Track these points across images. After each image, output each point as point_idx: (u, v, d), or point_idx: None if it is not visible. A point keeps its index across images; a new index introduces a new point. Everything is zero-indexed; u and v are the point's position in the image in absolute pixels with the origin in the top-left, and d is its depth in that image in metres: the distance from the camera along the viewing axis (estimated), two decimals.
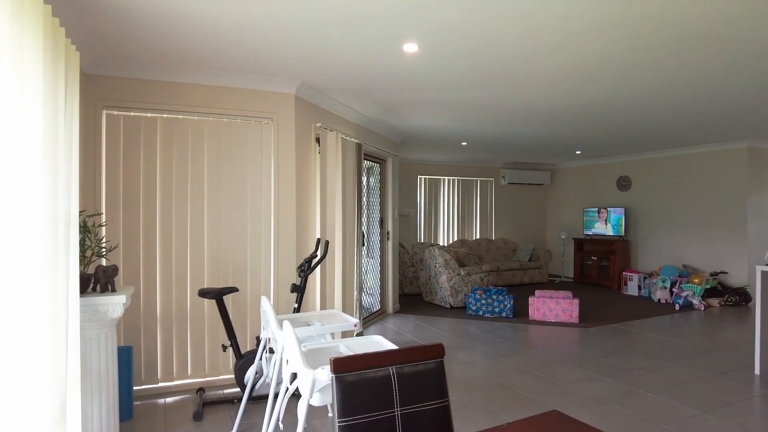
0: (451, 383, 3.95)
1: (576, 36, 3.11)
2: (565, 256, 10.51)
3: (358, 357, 1.39)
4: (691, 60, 3.56)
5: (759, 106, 4.98)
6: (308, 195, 4.48)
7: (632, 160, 9.15)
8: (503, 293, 6.54)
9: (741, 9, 2.69)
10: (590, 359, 4.62)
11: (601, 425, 3.18)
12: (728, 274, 7.66)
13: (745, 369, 4.36)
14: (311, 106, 4.52)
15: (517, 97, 4.68)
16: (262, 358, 3.08)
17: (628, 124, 6.00)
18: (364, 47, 3.33)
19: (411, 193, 9.63)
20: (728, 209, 7.65)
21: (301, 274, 3.62)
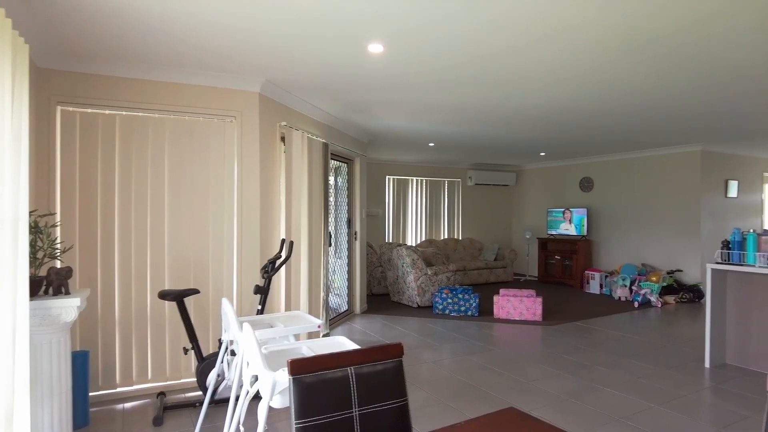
0: (416, 382, 3.98)
1: (540, 40, 3.17)
2: (530, 255, 10.72)
3: (316, 358, 1.38)
4: (649, 67, 3.69)
5: (711, 112, 5.20)
6: (273, 195, 4.43)
7: (594, 162, 9.41)
8: (469, 292, 6.62)
9: (696, 20, 2.80)
10: (552, 356, 4.72)
11: (561, 421, 3.26)
12: (683, 272, 7.97)
13: (697, 363, 4.54)
14: (276, 105, 4.47)
15: (483, 99, 4.74)
16: (223, 360, 3.02)
17: (590, 126, 6.17)
18: (329, 47, 3.31)
19: (379, 193, 9.64)
20: (683, 210, 7.96)
21: (264, 275, 3.58)
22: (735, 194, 8.35)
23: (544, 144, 7.75)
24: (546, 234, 10.08)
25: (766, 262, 4.14)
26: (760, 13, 2.73)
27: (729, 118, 5.61)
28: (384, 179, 9.70)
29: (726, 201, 8.22)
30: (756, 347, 4.41)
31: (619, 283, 7.93)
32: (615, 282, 8.05)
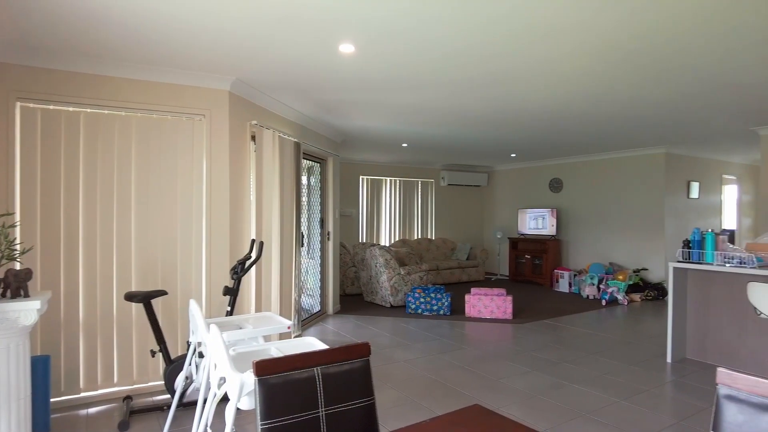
0: (388, 382, 3.99)
1: (509, 43, 3.22)
2: (501, 254, 10.87)
3: (282, 359, 1.37)
4: (615, 73, 3.79)
5: (673, 116, 5.37)
6: (243, 194, 4.38)
7: (564, 163, 9.60)
8: (441, 291, 6.68)
9: (660, 31, 2.89)
10: (522, 354, 4.80)
11: (529, 417, 3.32)
12: (648, 270, 8.21)
13: (659, 358, 4.69)
14: (247, 103, 4.42)
15: (454, 100, 4.79)
16: (191, 362, 2.98)
17: (559, 129, 6.30)
18: (300, 46, 3.30)
19: (353, 193, 9.63)
20: (648, 210, 8.21)
21: (234, 276, 3.53)
22: (696, 195, 8.65)
23: (515, 145, 7.87)
24: (517, 234, 10.24)
25: (723, 261, 4.30)
26: (722, 25, 2.84)
27: (691, 123, 5.80)
28: (358, 179, 9.70)
29: (688, 202, 8.50)
30: (713, 342, 4.58)
31: (587, 282, 8.12)
32: (583, 281, 8.24)
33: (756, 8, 2.67)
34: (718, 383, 1.29)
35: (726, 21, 2.84)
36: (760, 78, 3.97)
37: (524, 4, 2.62)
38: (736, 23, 2.87)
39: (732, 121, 5.72)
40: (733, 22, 2.86)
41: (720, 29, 2.96)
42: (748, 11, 2.71)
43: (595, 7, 2.66)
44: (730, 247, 4.41)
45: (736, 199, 9.88)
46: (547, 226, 9.46)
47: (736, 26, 2.92)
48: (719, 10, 2.69)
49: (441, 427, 1.33)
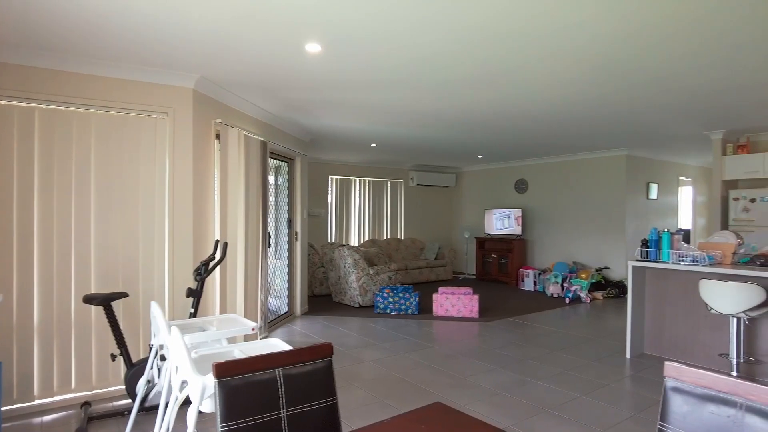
0: (355, 382, 3.99)
1: (474, 44, 3.27)
2: (468, 254, 11.02)
3: (242, 361, 1.36)
4: (575, 75, 3.89)
5: (633, 119, 5.56)
6: (207, 194, 4.30)
7: (529, 165, 9.81)
8: (409, 291, 6.72)
9: (616, 34, 2.99)
10: (487, 352, 4.88)
11: (493, 414, 3.38)
12: (610, 269, 8.47)
13: (619, 354, 4.85)
14: (211, 102, 4.35)
15: (422, 101, 4.83)
16: (153, 366, 2.91)
17: (524, 130, 6.42)
18: (266, 44, 3.27)
19: (322, 193, 9.59)
20: (610, 210, 8.46)
21: (197, 277, 3.47)
22: (655, 196, 8.96)
23: (482, 147, 7.99)
24: (484, 233, 10.39)
25: (678, 259, 4.48)
26: (676, 34, 2.96)
27: (649, 126, 6.02)
28: (327, 179, 9.66)
29: (647, 202, 8.81)
30: (668, 337, 4.76)
31: (551, 281, 8.31)
32: (548, 279, 8.43)
33: (707, 18, 2.79)
34: (665, 376, 1.34)
35: (680, 31, 2.96)
36: (712, 85, 4.15)
37: (491, 9, 2.67)
38: (689, 33, 2.99)
39: (687, 125, 5.95)
40: (687, 32, 2.98)
41: (674, 38, 3.08)
42: (701, 21, 2.83)
43: (555, 13, 2.73)
44: (684, 246, 4.60)
45: (691, 200, 10.29)
46: (513, 226, 9.64)
47: (690, 35, 3.04)
48: (675, 19, 2.80)
49: (402, 426, 1.35)
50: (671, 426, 1.30)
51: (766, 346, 4.14)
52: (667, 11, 2.71)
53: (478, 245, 10.18)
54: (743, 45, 3.22)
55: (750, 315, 3.85)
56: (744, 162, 6.27)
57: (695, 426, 1.26)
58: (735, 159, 6.34)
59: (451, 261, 10.15)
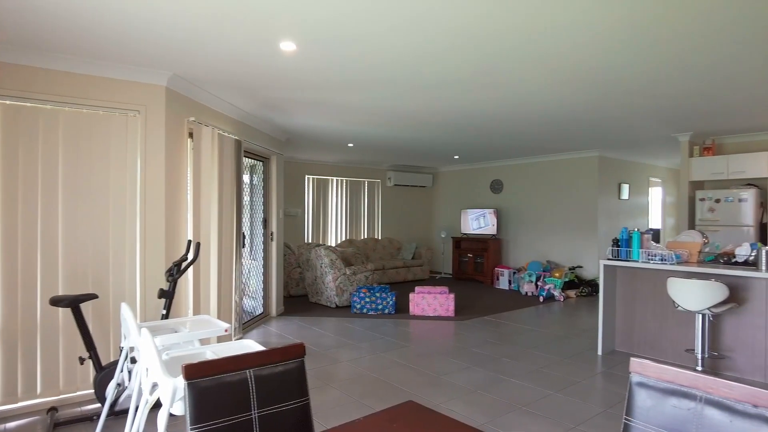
0: (331, 382, 3.98)
1: (449, 46, 3.30)
2: (445, 253, 11.09)
3: (213, 362, 1.35)
4: (546, 79, 3.96)
5: (604, 122, 5.68)
6: (180, 194, 4.24)
7: (504, 165, 9.93)
8: (386, 290, 6.73)
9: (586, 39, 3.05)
10: (462, 350, 4.93)
11: (468, 412, 3.41)
12: (583, 268, 8.63)
13: (591, 351, 4.95)
14: (185, 100, 4.28)
15: (398, 102, 4.84)
16: (123, 369, 2.85)
17: (499, 132, 6.50)
18: (240, 42, 3.23)
19: (298, 192, 9.52)
20: (583, 210, 8.63)
21: (169, 278, 3.41)
22: (627, 196, 9.17)
23: (458, 147, 8.06)
24: (460, 233, 10.48)
25: (647, 258, 4.59)
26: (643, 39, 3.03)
27: (620, 129, 6.15)
28: (303, 178, 9.60)
29: (619, 202, 9.01)
30: (638, 334, 4.88)
31: (526, 279, 8.43)
32: (522, 278, 8.55)
33: (676, 28, 2.87)
34: (631, 372, 1.38)
35: (650, 39, 3.04)
36: (679, 89, 4.27)
37: (467, 13, 2.70)
38: (659, 42, 3.07)
39: (656, 127, 6.11)
40: (656, 41, 3.06)
41: (644, 45, 3.16)
42: (670, 31, 2.91)
43: (531, 18, 2.77)
44: (654, 245, 4.72)
45: (661, 200, 10.56)
46: (489, 225, 9.74)
47: (659, 44, 3.12)
48: (645, 29, 2.87)
49: (374, 425, 1.35)
50: (636, 420, 1.34)
51: (728, 342, 4.28)
52: (639, 21, 2.78)
53: (455, 245, 10.26)
54: (707, 54, 3.32)
55: (714, 311, 3.97)
56: (709, 164, 6.47)
57: (658, 419, 1.29)
58: (701, 161, 6.54)
59: (428, 260, 10.21)
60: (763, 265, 4.01)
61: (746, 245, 4.30)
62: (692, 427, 1.23)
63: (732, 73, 3.83)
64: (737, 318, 4.24)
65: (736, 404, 1.16)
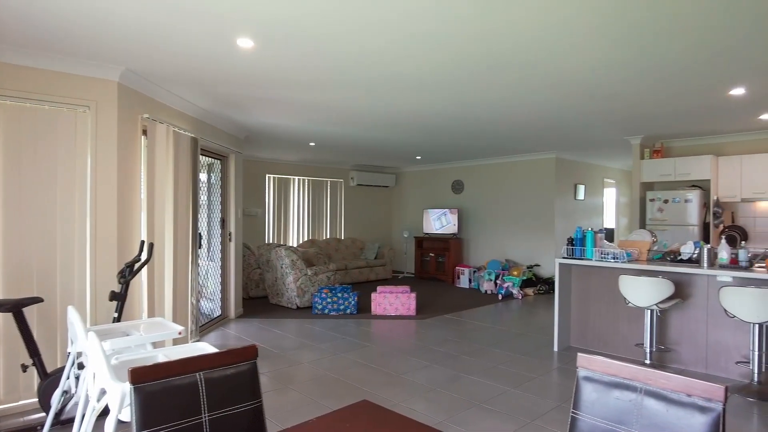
0: (291, 384, 3.94)
1: (404, 47, 3.32)
2: (408, 253, 11.17)
3: (161, 365, 1.31)
4: (501, 81, 4.04)
5: (561, 124, 5.84)
6: (133, 193, 4.10)
7: (465, 166, 10.07)
8: (348, 291, 6.72)
9: (536, 40, 3.13)
10: (423, 349, 4.97)
11: (427, 409, 3.44)
12: (541, 266, 8.86)
13: (547, 347, 5.08)
14: (138, 96, 4.15)
15: (359, 101, 4.84)
16: (70, 375, 2.74)
17: (458, 133, 6.59)
18: (196, 37, 3.15)
19: (259, 192, 9.38)
20: (540, 210, 8.86)
21: (121, 280, 3.30)
22: (582, 197, 9.47)
23: (420, 148, 8.12)
24: (422, 233, 10.57)
25: (601, 257, 4.75)
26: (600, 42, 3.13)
27: (575, 131, 6.35)
28: (264, 177, 9.46)
29: (575, 203, 9.29)
30: (592, 330, 5.05)
31: (485, 278, 8.58)
32: (482, 276, 8.70)
33: (627, 33, 2.98)
34: (578, 367, 1.42)
35: (602, 43, 3.14)
36: (631, 93, 4.44)
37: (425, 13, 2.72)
38: (611, 46, 3.19)
39: (610, 130, 6.34)
40: (603, 42, 3.17)
41: (597, 49, 3.27)
42: (622, 35, 3.02)
43: (485, 18, 2.82)
44: (607, 244, 4.89)
45: (614, 201, 10.95)
46: (450, 225, 9.87)
47: (612, 48, 3.24)
48: (597, 32, 2.97)
49: (327, 425, 1.34)
50: (582, 413, 1.38)
51: (674, 335, 4.49)
52: (590, 25, 2.87)
53: (417, 244, 10.34)
54: (656, 59, 3.47)
55: (661, 307, 4.15)
56: (658, 166, 6.76)
57: (602, 411, 1.34)
58: (651, 163, 6.82)
59: (391, 260, 10.25)
60: (705, 263, 4.22)
61: (690, 243, 4.51)
62: (633, 418, 1.28)
63: (677, 80, 4.01)
64: (682, 313, 4.44)
65: (672, 394, 1.22)
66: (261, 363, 4.48)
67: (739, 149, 6.45)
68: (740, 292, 3.71)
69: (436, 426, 3.15)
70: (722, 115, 5.32)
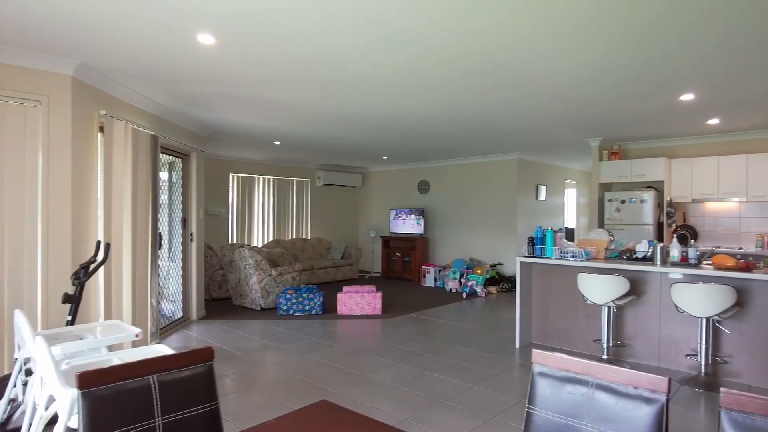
0: (253, 386, 3.89)
1: (370, 48, 3.32)
2: (374, 253, 11.18)
3: (111, 369, 1.27)
4: (463, 83, 4.09)
5: (522, 126, 5.97)
6: (89, 192, 3.96)
7: (431, 167, 10.16)
8: (313, 291, 6.68)
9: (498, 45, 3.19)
10: (388, 347, 4.99)
11: (391, 408, 3.46)
12: (504, 265, 9.02)
13: (509, 344, 5.18)
14: (94, 91, 4.01)
15: (325, 101, 4.81)
16: (16, 383, 2.62)
17: (424, 133, 6.64)
18: (154, 32, 3.07)
19: (222, 191, 9.20)
20: (503, 210, 9.02)
21: (76, 281, 3.18)
22: (544, 197, 9.70)
23: (386, 148, 8.14)
24: (389, 233, 10.60)
25: (560, 255, 4.88)
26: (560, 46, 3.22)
27: (537, 133, 6.49)
28: (227, 177, 9.29)
29: (537, 203, 9.51)
30: (553, 327, 5.18)
31: (450, 277, 8.69)
32: (447, 275, 8.79)
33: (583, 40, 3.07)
34: (533, 362, 1.46)
35: (562, 47, 3.23)
36: (590, 97, 4.57)
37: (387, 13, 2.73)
38: (565, 49, 3.28)
39: (570, 132, 6.51)
40: (562, 48, 3.26)
41: (557, 53, 3.36)
42: (575, 39, 3.11)
43: (448, 21, 2.85)
44: (566, 243, 5.02)
45: (575, 201, 11.27)
46: (416, 225, 9.93)
47: (564, 51, 3.33)
48: (557, 38, 3.05)
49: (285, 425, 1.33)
50: (537, 408, 1.42)
51: (630, 331, 4.65)
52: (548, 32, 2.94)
53: (384, 244, 10.37)
54: (611, 65, 3.59)
55: (618, 303, 4.30)
56: (616, 167, 6.99)
57: (556, 406, 1.38)
58: (609, 164, 7.05)
59: (358, 260, 10.24)
60: (658, 261, 4.39)
61: (645, 242, 4.68)
62: (584, 411, 1.32)
63: (631, 85, 4.16)
64: (637, 309, 4.61)
65: (621, 387, 1.27)
66: (224, 365, 4.40)
67: (690, 152, 6.74)
68: (689, 289, 3.88)
69: (399, 424, 3.17)
70: (674, 119, 5.55)
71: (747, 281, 4.00)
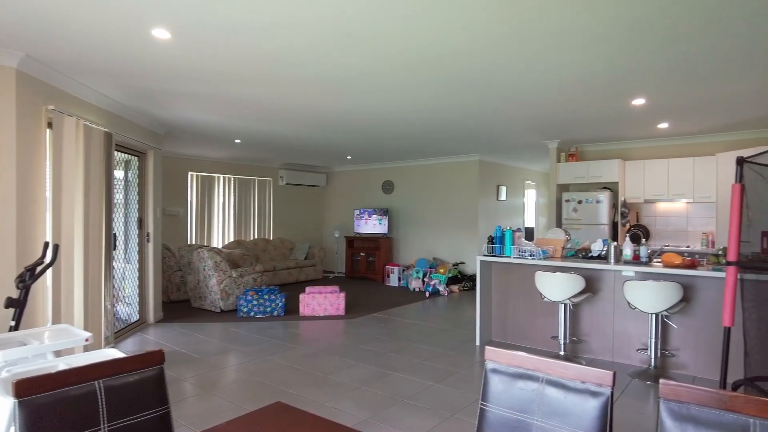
0: (212, 390, 3.80)
1: (330, 47, 3.30)
2: (339, 253, 11.14)
3: (52, 375, 1.22)
4: (429, 85, 4.13)
5: (483, 127, 6.07)
6: (36, 190, 3.78)
7: (395, 167, 10.21)
8: (275, 292, 6.59)
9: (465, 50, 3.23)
10: (350, 348, 4.98)
11: (352, 408, 3.45)
12: (465, 264, 9.15)
13: (470, 342, 5.26)
14: (42, 85, 3.83)
15: (286, 99, 4.76)
16: None
17: (386, 134, 6.65)
18: (105, 24, 2.96)
19: (180, 190, 8.97)
20: (465, 210, 9.15)
21: (20, 285, 3.03)
22: (504, 197, 9.89)
23: (350, 148, 8.12)
24: (353, 233, 10.58)
25: (519, 254, 4.99)
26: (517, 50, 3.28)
27: (497, 134, 6.62)
28: (186, 175, 9.06)
29: (497, 203, 9.69)
30: (512, 324, 5.29)
31: (414, 276, 8.75)
32: (411, 275, 8.85)
33: (534, 44, 3.15)
34: (486, 359, 1.48)
35: (516, 53, 3.30)
36: (547, 101, 4.69)
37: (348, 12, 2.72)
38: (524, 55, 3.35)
39: (528, 134, 6.66)
40: (522, 54, 3.33)
41: (517, 57, 3.43)
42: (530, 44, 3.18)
43: (411, 24, 2.87)
44: (524, 242, 5.14)
45: (534, 201, 11.54)
46: (380, 225, 9.95)
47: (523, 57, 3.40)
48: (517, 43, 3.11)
49: (237, 428, 1.31)
50: (490, 404, 1.44)
51: (585, 327, 4.80)
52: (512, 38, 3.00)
53: (348, 244, 10.34)
54: (565, 70, 3.69)
55: (574, 301, 4.43)
56: (573, 169, 7.20)
57: (508, 401, 1.41)
58: (567, 166, 7.25)
59: (321, 260, 10.17)
60: (612, 259, 4.55)
61: (599, 241, 4.84)
62: (535, 406, 1.35)
63: (585, 89, 4.29)
64: (592, 306, 4.76)
65: (569, 382, 1.30)
66: (182, 369, 4.29)
67: (642, 154, 7.01)
68: (640, 285, 4.03)
69: (359, 424, 3.17)
70: (627, 122, 5.76)
71: (692, 278, 4.20)
